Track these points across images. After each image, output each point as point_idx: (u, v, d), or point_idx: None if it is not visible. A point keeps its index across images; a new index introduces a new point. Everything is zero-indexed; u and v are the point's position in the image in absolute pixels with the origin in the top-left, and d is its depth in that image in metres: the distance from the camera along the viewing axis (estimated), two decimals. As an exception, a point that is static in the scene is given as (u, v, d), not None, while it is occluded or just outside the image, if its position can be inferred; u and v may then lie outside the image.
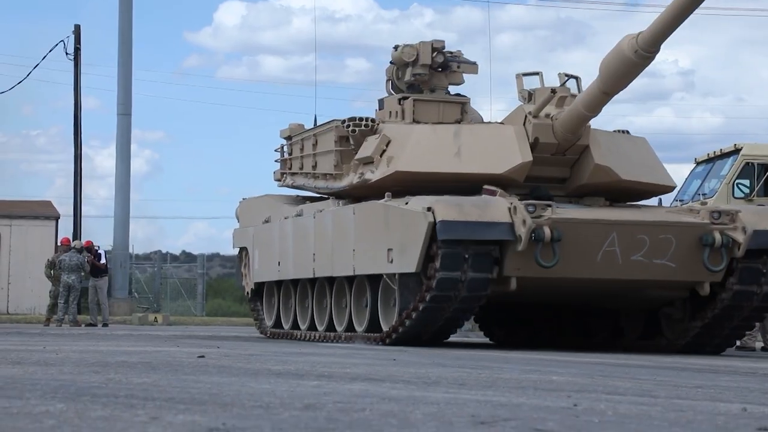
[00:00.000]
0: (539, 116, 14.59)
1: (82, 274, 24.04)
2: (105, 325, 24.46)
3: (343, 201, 16.09)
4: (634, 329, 15.74)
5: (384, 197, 14.54)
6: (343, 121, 15.86)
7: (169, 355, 9.71)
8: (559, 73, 15.38)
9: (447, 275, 13.18)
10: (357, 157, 15.60)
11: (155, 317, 28.91)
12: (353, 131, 15.69)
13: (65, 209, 35.40)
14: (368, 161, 15.30)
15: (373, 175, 15.13)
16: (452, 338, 16.59)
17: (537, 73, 15.34)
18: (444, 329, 14.64)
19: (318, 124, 17.55)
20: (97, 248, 25.65)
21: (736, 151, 18.64)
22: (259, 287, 18.97)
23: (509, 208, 13.15)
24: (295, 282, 17.49)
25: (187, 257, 47.18)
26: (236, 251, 20.03)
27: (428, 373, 7.77)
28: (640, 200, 16.11)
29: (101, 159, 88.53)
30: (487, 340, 18.47)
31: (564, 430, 4.19)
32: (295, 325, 17.56)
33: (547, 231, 12.98)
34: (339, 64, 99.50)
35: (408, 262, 13.58)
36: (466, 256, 13.13)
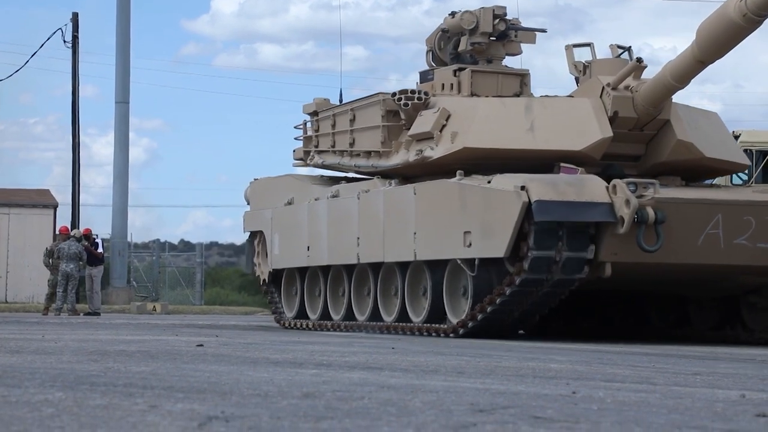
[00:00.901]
0: (618, 88, 13.50)
1: (80, 263, 24.03)
2: (97, 313, 24.40)
3: (395, 180, 14.85)
4: (704, 319, 14.75)
5: (447, 176, 13.52)
6: (393, 94, 14.73)
7: (167, 343, 9.72)
8: (611, 45, 14.56)
9: (541, 254, 12.15)
10: (411, 132, 14.48)
11: (153, 306, 28.91)
12: (405, 104, 14.48)
13: (63, 198, 35.41)
14: (425, 137, 14.20)
15: (434, 152, 14.00)
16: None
17: (588, 44, 14.49)
18: (523, 320, 13.58)
19: (347, 100, 16.43)
20: (95, 237, 25.64)
21: (735, 137, 18.62)
22: (277, 274, 17.67)
23: (607, 187, 12.19)
24: (324, 269, 16.31)
25: (186, 246, 47.17)
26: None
27: (427, 361, 7.78)
28: (713, 179, 15.29)
29: (99, 147, 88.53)
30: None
31: (563, 418, 4.19)
32: (325, 315, 16.36)
33: (650, 212, 12.00)
34: (336, 52, 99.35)
35: (495, 246, 12.50)
36: (561, 233, 12.14)
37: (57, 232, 26.89)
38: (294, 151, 17.58)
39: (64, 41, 33.73)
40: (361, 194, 15.11)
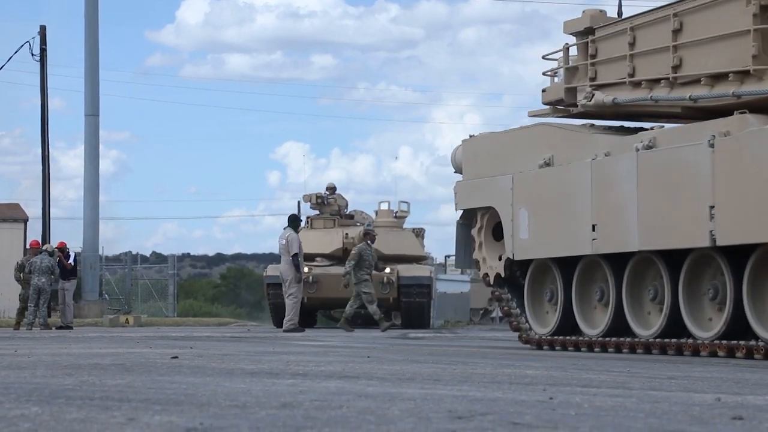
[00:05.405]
0: None
1: (52, 276, 23.90)
2: (69, 327, 24.25)
3: None
4: None
5: None
6: None
7: (142, 356, 9.67)
8: None
9: None
10: None
11: (126, 319, 28.79)
12: None
13: (30, 211, 35.27)
14: None
15: None
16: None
17: None
18: None
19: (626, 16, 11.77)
20: (68, 250, 25.56)
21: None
22: (518, 270, 12.82)
23: None
24: (616, 259, 11.46)
25: (158, 258, 47.05)
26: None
27: (403, 369, 7.78)
28: None
29: (67, 160, 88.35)
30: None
31: (541, 424, 4.20)
32: (615, 329, 11.60)
33: None
34: (304, 61, 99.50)
35: None
36: None
37: (28, 246, 26.76)
38: (544, 91, 12.71)
39: (32, 54, 33.67)
40: (716, 139, 10.14)
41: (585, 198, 11.53)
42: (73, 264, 25.36)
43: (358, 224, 26.49)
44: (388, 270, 24.12)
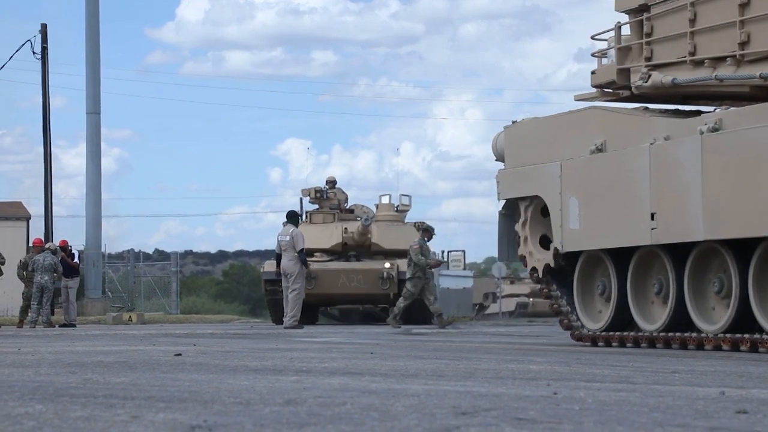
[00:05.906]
0: None
1: (55, 274, 23.92)
2: (72, 325, 24.28)
3: None
4: None
5: None
6: None
7: (145, 353, 9.68)
8: None
9: None
10: None
11: (129, 316, 28.81)
12: None
13: (33, 210, 35.33)
14: None
15: None
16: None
17: None
18: None
19: None
20: (70, 248, 25.60)
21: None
22: (566, 262, 12.10)
23: None
24: (676, 250, 10.73)
25: (161, 255, 47.08)
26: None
27: (406, 365, 7.78)
28: None
29: (69, 158, 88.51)
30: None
31: (545, 419, 4.20)
32: (676, 324, 10.90)
33: None
34: (305, 57, 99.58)
35: None
36: None
37: (31, 245, 26.78)
38: (593, 73, 12.09)
39: (34, 52, 33.68)
40: None
41: (643, 185, 10.85)
42: (77, 262, 25.40)
43: (358, 218, 26.43)
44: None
